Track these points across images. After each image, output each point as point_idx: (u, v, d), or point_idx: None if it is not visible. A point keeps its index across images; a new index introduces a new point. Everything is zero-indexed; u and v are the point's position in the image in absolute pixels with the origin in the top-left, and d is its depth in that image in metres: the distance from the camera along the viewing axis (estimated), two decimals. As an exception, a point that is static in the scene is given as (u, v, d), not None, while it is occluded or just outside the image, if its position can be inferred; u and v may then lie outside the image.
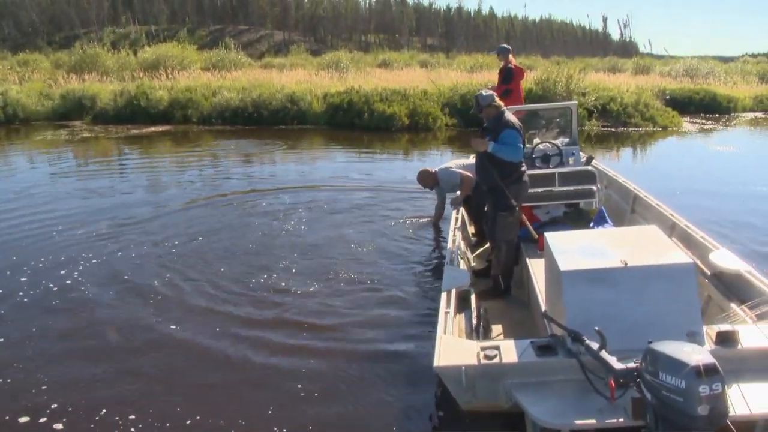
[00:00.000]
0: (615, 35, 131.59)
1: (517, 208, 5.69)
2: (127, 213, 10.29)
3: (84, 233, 9.10)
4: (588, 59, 58.41)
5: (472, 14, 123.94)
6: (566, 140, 8.15)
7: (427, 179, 8.47)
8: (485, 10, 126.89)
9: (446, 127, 22.76)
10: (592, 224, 6.32)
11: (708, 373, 2.71)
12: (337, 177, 13.47)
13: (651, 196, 7.06)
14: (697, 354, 2.80)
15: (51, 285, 7.07)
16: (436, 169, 8.48)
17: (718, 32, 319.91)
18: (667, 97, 27.24)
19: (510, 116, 5.67)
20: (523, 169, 5.74)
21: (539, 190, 6.75)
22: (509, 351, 3.64)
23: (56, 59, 44.03)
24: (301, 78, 31.84)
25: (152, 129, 23.83)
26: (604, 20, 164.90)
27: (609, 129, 21.98)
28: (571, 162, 7.74)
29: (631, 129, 22.22)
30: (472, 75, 31.79)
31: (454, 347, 3.77)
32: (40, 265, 7.75)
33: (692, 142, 20.53)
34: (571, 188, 6.87)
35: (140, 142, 20.83)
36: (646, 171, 14.62)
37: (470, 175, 7.44)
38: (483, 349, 3.67)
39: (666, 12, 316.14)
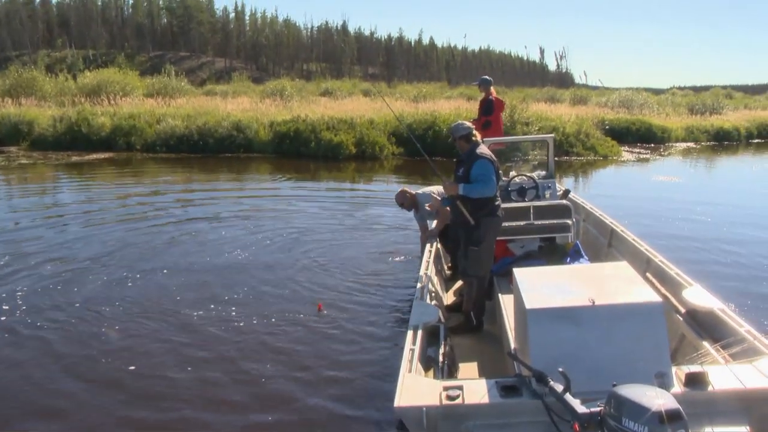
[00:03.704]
0: (552, 66, 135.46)
1: (485, 242, 5.58)
2: (64, 240, 9.99)
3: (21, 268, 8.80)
4: (527, 89, 59.90)
5: (412, 44, 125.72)
6: (543, 173, 8.09)
7: (405, 201, 7.98)
8: (425, 40, 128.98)
9: (393, 155, 22.96)
10: (567, 259, 6.25)
11: (671, 419, 2.61)
12: (292, 206, 13.41)
13: (628, 231, 6.95)
14: (660, 398, 2.71)
15: None
16: (417, 192, 8.06)
17: (647, 66, 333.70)
18: (607, 127, 28.18)
19: (483, 149, 5.57)
20: (497, 203, 5.58)
21: (514, 223, 6.60)
22: (473, 391, 3.48)
23: (-14, 83, 42.64)
24: (246, 106, 31.70)
25: (94, 156, 23.26)
26: (542, 52, 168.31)
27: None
28: (547, 195, 7.62)
29: (573, 158, 22.88)
30: (418, 104, 32.18)
31: (415, 387, 3.60)
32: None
33: (634, 172, 21.27)
34: (546, 222, 6.74)
35: (82, 169, 20.30)
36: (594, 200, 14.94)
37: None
38: (446, 389, 3.50)
39: (600, 45, 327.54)
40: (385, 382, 5.16)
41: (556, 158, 8.77)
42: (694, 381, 3.40)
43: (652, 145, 29.09)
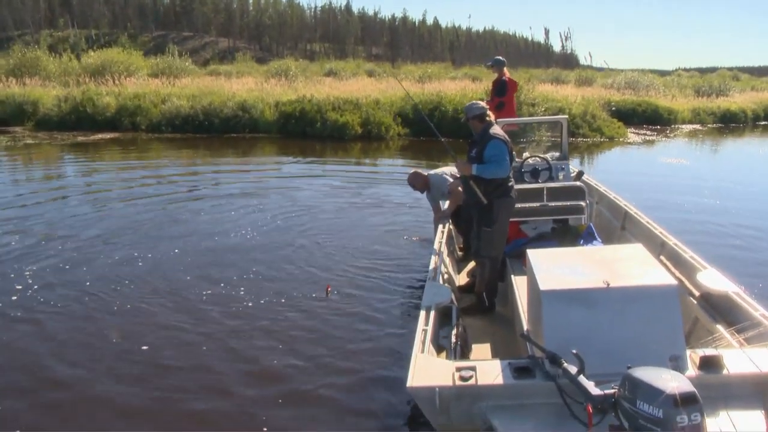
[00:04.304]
0: (557, 47, 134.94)
1: (499, 223, 5.56)
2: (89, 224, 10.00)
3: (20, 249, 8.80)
4: (532, 70, 59.48)
5: (416, 24, 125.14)
6: (556, 154, 8.06)
7: (418, 182, 7.96)
8: (430, 21, 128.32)
9: (399, 136, 22.90)
10: (581, 241, 6.21)
11: (685, 402, 2.61)
12: (299, 186, 13.40)
13: (642, 213, 6.90)
14: (675, 381, 2.69)
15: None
16: (429, 173, 8.05)
17: (652, 47, 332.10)
18: (613, 108, 28.00)
19: (497, 129, 5.55)
20: (510, 184, 5.56)
21: (527, 205, 6.54)
22: (486, 372, 3.49)
23: (-12, 62, 42.57)
24: (251, 86, 31.60)
25: (99, 136, 23.24)
26: (546, 32, 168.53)
27: (548, 138, 22.07)
28: (560, 177, 7.61)
29: (579, 139, 22.78)
30: (423, 85, 32.03)
31: (428, 367, 3.62)
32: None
33: (641, 153, 21.14)
34: (560, 204, 6.66)
35: (87, 149, 20.29)
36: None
37: (460, 188, 7.03)
38: (459, 369, 3.50)
39: (605, 26, 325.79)
40: (398, 362, 5.16)
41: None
42: (709, 364, 3.39)
43: (659, 126, 28.90)
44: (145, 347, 5.59)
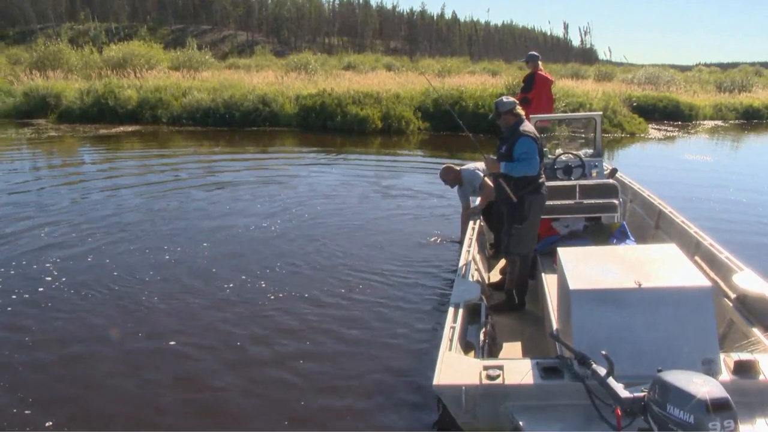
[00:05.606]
0: (576, 42, 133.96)
1: (529, 220, 5.53)
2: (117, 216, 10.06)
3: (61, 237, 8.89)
4: (550, 65, 58.92)
5: (435, 18, 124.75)
6: (590, 151, 8.00)
7: (450, 176, 7.95)
8: (448, 15, 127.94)
9: (419, 130, 22.85)
10: (613, 240, 6.16)
11: (718, 408, 2.52)
12: (322, 179, 13.40)
13: (676, 212, 6.79)
14: (707, 386, 2.61)
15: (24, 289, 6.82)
16: (461, 168, 8.00)
17: (672, 42, 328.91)
18: (634, 104, 27.71)
19: (527, 126, 5.50)
20: (541, 180, 5.50)
21: (559, 202, 6.46)
22: (513, 371, 3.47)
23: (12, 55, 42.96)
24: (271, 79, 31.68)
25: (121, 129, 23.40)
26: (566, 27, 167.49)
27: (580, 135, 21.91)
28: (594, 174, 7.54)
29: (600, 135, 22.58)
30: (443, 79, 31.89)
31: (455, 365, 3.60)
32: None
33: (662, 149, 20.94)
34: (592, 201, 6.58)
35: (110, 142, 20.39)
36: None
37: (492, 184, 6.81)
38: (486, 368, 3.49)
39: (624, 21, 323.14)
40: (425, 360, 5.12)
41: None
42: (744, 369, 3.33)
43: (680, 122, 28.56)
44: (172, 343, 5.60)
